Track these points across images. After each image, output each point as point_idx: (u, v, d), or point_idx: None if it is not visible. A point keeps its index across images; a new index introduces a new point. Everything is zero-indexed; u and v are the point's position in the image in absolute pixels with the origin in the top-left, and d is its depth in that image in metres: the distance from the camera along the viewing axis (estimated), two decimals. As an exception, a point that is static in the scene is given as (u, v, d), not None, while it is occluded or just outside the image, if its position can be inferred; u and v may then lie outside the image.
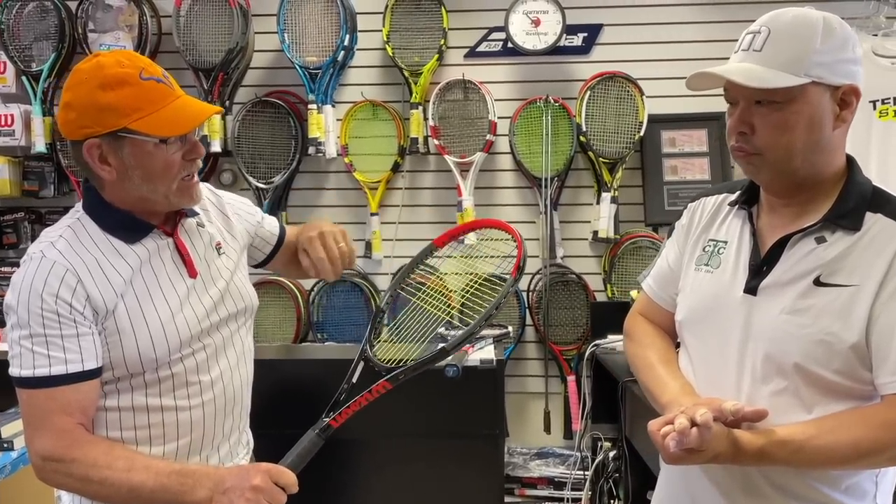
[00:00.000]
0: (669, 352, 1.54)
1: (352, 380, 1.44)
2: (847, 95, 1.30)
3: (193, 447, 1.48)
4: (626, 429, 2.71)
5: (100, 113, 1.34)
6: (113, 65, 1.35)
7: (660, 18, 3.25)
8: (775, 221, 1.38)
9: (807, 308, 1.29)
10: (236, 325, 1.56)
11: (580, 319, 3.26)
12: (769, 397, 1.31)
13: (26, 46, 3.23)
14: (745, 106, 1.32)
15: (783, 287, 1.32)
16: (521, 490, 3.11)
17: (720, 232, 1.46)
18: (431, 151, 3.27)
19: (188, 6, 3.18)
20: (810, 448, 1.25)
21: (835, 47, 1.28)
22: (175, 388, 1.45)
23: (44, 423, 1.34)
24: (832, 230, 1.31)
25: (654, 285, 1.61)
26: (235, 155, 3.22)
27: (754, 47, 1.32)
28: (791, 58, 1.27)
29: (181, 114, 1.38)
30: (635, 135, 3.18)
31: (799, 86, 1.26)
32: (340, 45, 3.14)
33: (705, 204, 1.52)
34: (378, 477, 2.60)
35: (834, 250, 1.29)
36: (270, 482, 1.29)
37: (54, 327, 1.34)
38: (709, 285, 1.42)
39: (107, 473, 1.32)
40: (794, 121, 1.28)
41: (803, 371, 1.29)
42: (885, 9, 3.03)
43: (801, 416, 1.29)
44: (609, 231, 3.14)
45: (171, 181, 1.40)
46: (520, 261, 1.44)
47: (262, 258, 1.78)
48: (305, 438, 1.38)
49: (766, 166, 1.33)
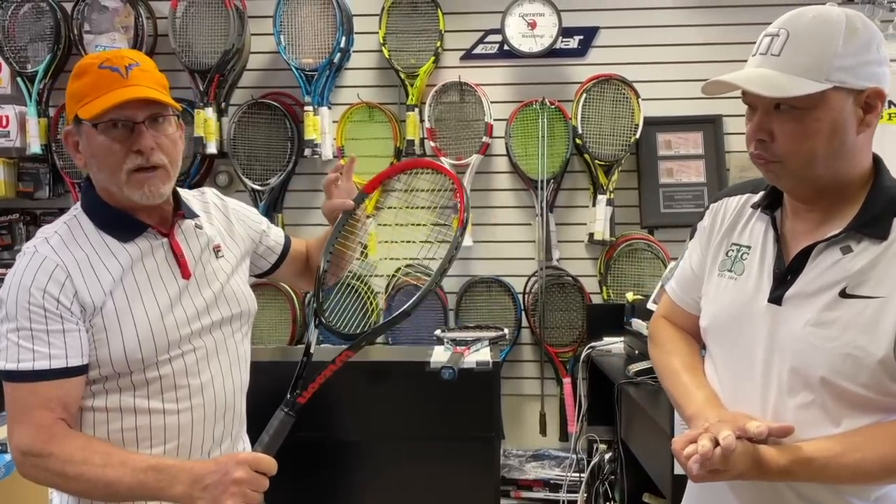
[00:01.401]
0: (694, 358, 1.51)
1: (310, 351, 1.46)
2: (871, 99, 1.24)
3: (181, 452, 1.46)
4: (621, 431, 2.71)
5: (69, 101, 1.43)
6: (90, 57, 1.43)
7: (655, 21, 3.26)
8: (799, 227, 1.33)
9: (833, 321, 1.25)
10: (230, 330, 1.55)
11: (576, 322, 3.26)
12: (795, 410, 1.28)
13: (22, 47, 3.22)
14: (764, 112, 1.26)
15: (808, 298, 1.27)
16: (516, 492, 3.10)
17: (743, 236, 1.41)
18: (427, 153, 3.27)
19: (184, 8, 3.18)
20: (836, 465, 1.22)
21: (858, 49, 1.21)
22: (163, 390, 1.44)
23: (24, 417, 1.34)
24: (858, 239, 1.25)
25: (677, 288, 1.57)
26: (231, 157, 3.22)
27: (772, 51, 1.24)
28: (811, 63, 1.20)
29: (112, 99, 1.35)
30: (631, 137, 3.18)
31: (820, 92, 1.20)
32: (337, 47, 3.13)
33: (728, 205, 1.46)
34: (374, 479, 2.59)
35: (860, 261, 1.24)
36: (251, 471, 1.28)
37: (40, 322, 1.34)
38: (733, 293, 1.38)
39: (83, 469, 1.31)
40: (816, 128, 1.22)
41: (830, 385, 1.25)
42: (880, 12, 3.04)
43: (829, 429, 1.26)
44: (605, 233, 3.14)
45: (118, 171, 1.39)
46: (463, 207, 1.42)
47: (266, 267, 1.77)
48: (275, 419, 1.37)
49: (786, 174, 1.28)
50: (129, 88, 1.37)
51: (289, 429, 1.37)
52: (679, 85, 3.19)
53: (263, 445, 1.35)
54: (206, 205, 1.61)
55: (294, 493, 1.34)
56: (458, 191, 1.48)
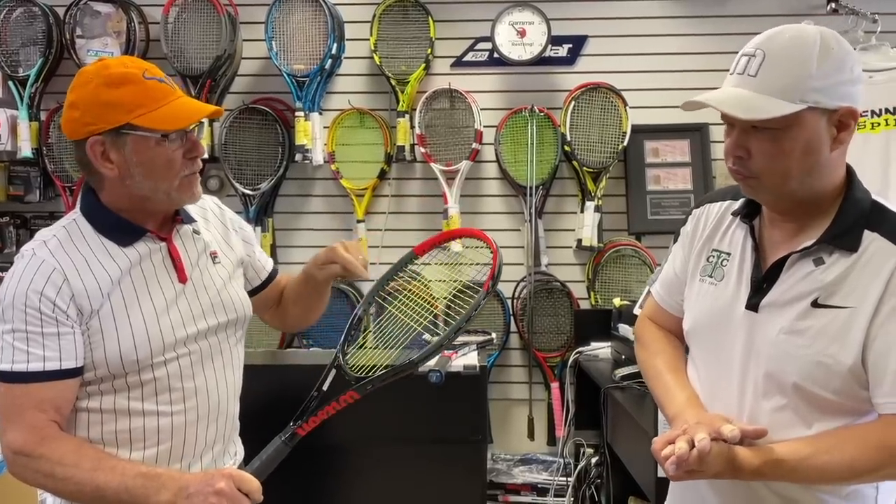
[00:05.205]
0: (678, 359, 1.56)
1: (322, 387, 1.44)
2: (844, 118, 1.28)
3: (174, 454, 1.48)
4: (608, 435, 2.74)
5: (104, 109, 1.37)
6: (117, 65, 1.41)
7: (644, 31, 3.29)
8: (776, 236, 1.39)
9: (805, 329, 1.30)
10: (225, 335, 1.56)
11: (564, 327, 3.28)
12: (770, 413, 1.34)
13: (13, 51, 3.22)
14: (741, 130, 1.31)
15: (783, 307, 1.33)
16: (504, 496, 3.12)
17: (723, 243, 1.46)
18: (418, 159, 3.29)
19: (176, 13, 3.19)
20: (805, 467, 1.28)
21: (832, 70, 1.25)
22: (157, 392, 1.45)
23: (17, 418, 1.36)
24: (829, 251, 1.31)
25: (661, 291, 1.62)
26: (222, 161, 3.23)
27: (749, 72, 1.28)
28: (787, 84, 1.25)
29: (181, 110, 1.41)
30: (619, 145, 3.21)
31: (795, 113, 1.24)
32: (328, 54, 3.16)
33: (710, 211, 1.51)
34: (360, 482, 2.60)
35: (832, 273, 1.30)
36: (234, 487, 1.29)
37: (36, 325, 1.35)
38: (712, 298, 1.43)
39: (72, 472, 1.33)
40: (791, 147, 1.27)
41: (802, 390, 1.31)
42: (864, 23, 3.08)
43: (801, 431, 1.31)
44: (593, 239, 3.17)
45: (173, 178, 1.43)
46: (494, 272, 1.43)
47: (248, 289, 1.74)
48: (271, 446, 1.38)
49: (762, 189, 1.34)
50: (193, 101, 1.47)
51: (282, 458, 1.38)
52: (666, 93, 3.23)
53: (253, 469, 1.36)
54: (203, 211, 1.63)
55: (281, 497, 1.35)
56: (493, 258, 1.47)
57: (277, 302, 1.83)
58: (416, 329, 1.56)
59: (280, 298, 1.83)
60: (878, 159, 2.98)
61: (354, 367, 1.45)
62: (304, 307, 1.81)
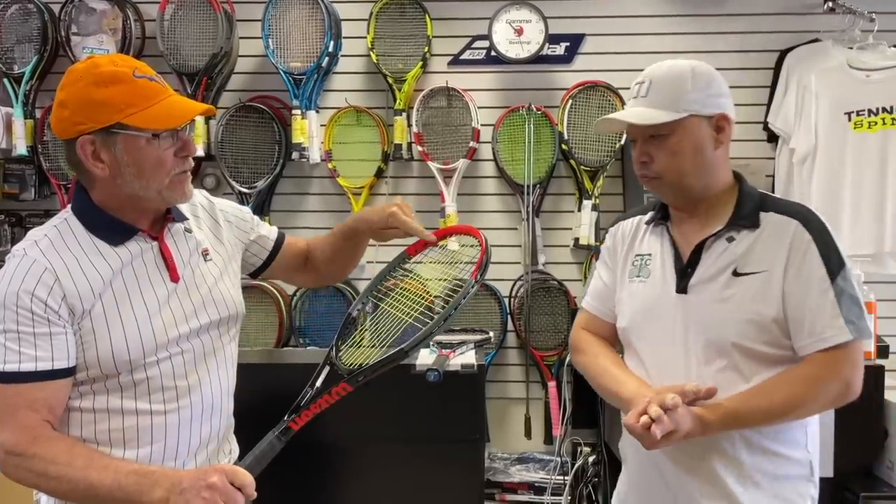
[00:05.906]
0: (618, 358, 1.78)
1: (315, 383, 1.44)
2: (720, 122, 1.62)
3: (168, 453, 1.47)
4: (605, 434, 2.74)
5: (94, 108, 1.36)
6: (107, 63, 1.39)
7: (641, 29, 3.29)
8: (686, 231, 1.68)
9: (731, 295, 1.58)
10: (218, 333, 1.56)
11: (561, 326, 3.28)
12: (714, 375, 1.58)
13: (8, 49, 3.21)
14: (643, 141, 1.64)
15: (708, 282, 1.61)
16: (501, 495, 3.11)
17: (643, 247, 1.74)
18: (415, 158, 3.29)
19: (172, 10, 3.18)
20: (753, 411, 1.53)
21: (702, 86, 1.61)
22: (150, 391, 1.45)
23: (9, 418, 1.35)
24: (738, 230, 1.62)
25: (593, 301, 1.85)
26: (219, 159, 3.22)
27: (641, 94, 1.64)
28: (670, 99, 1.60)
29: (172, 109, 1.40)
30: (616, 143, 3.21)
31: (679, 119, 1.58)
32: (325, 51, 3.15)
33: (624, 227, 1.82)
34: (358, 481, 2.60)
35: (742, 246, 1.60)
36: (227, 482, 1.28)
37: (27, 325, 1.35)
38: (645, 292, 1.70)
39: (65, 470, 1.32)
40: (681, 147, 1.60)
41: (740, 347, 1.57)
42: (861, 22, 3.08)
43: (742, 386, 1.56)
44: (590, 238, 3.17)
45: (164, 177, 1.42)
46: (481, 263, 1.49)
47: (258, 264, 1.77)
48: (265, 441, 1.38)
49: (665, 186, 1.65)
50: (185, 99, 1.45)
51: (276, 453, 1.38)
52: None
53: (246, 464, 1.36)
54: (194, 207, 1.62)
55: (279, 496, 1.34)
56: (482, 249, 1.53)
57: (303, 264, 1.83)
58: (411, 326, 1.57)
59: (305, 260, 1.83)
60: (876, 158, 2.98)
61: (348, 363, 1.46)
62: (343, 262, 1.84)
